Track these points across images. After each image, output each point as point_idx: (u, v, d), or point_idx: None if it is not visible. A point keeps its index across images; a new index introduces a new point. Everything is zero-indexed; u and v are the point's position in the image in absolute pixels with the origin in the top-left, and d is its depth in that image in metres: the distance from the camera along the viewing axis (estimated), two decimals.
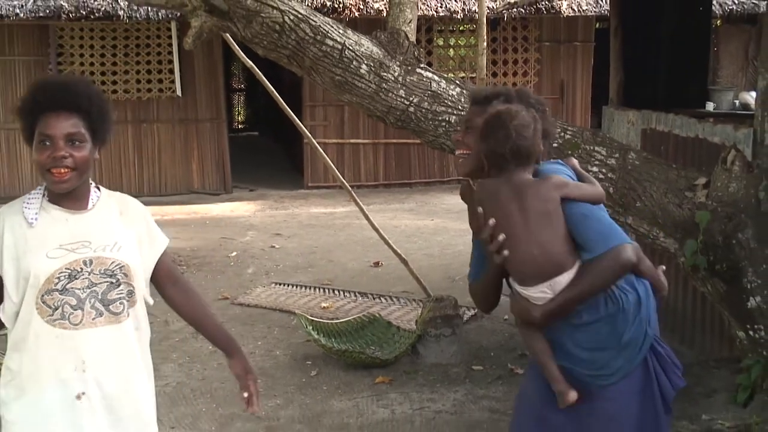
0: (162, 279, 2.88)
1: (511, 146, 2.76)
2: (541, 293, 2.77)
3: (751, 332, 4.46)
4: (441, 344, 6.09)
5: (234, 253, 9.75)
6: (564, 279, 2.75)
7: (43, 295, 2.56)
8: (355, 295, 7.91)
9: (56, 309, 2.57)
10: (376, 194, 13.38)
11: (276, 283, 8.39)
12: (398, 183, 14.22)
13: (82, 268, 2.61)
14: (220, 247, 10.12)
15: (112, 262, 2.66)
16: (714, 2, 11.49)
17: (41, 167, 2.59)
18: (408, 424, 5.16)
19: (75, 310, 2.59)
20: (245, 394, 3.00)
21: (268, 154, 18.21)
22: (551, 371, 2.83)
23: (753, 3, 13.23)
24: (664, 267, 2.91)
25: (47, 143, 2.57)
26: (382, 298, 7.78)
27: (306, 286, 8.23)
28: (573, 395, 2.80)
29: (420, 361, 6.08)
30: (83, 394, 2.62)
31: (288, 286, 8.28)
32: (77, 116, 2.60)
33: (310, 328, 6.29)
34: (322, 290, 8.10)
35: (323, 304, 7.62)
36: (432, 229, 10.86)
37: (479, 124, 2.85)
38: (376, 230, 7.49)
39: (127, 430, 2.75)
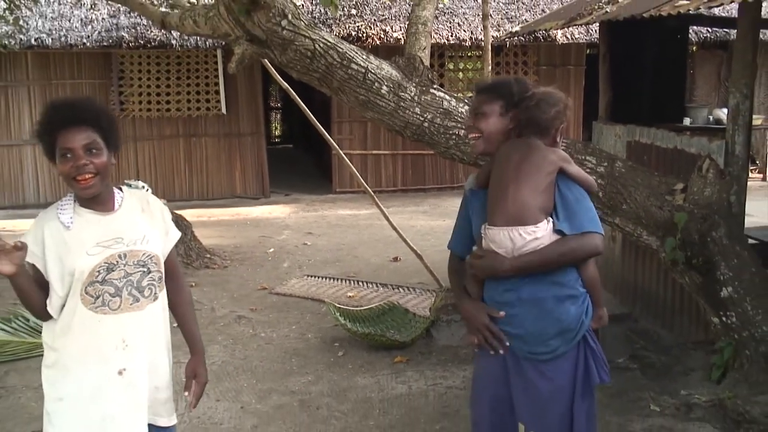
0: (166, 269, 2.86)
1: (528, 115, 2.86)
2: (502, 237, 2.80)
3: (723, 318, 4.45)
4: (452, 328, 6.08)
5: (271, 250, 9.77)
6: (526, 230, 2.77)
7: (86, 287, 2.60)
8: (377, 286, 7.90)
9: (98, 297, 2.62)
10: (395, 198, 13.35)
11: (308, 276, 8.40)
12: (414, 188, 14.19)
13: (117, 261, 2.65)
14: (260, 244, 10.13)
15: (143, 254, 2.71)
16: (690, 31, 11.42)
17: (67, 177, 2.61)
18: (423, 397, 5.15)
19: (113, 297, 2.64)
20: (185, 393, 2.97)
21: (301, 163, 18.21)
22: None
23: (725, 31, 13.14)
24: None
25: (68, 155, 2.59)
26: (400, 289, 7.77)
27: (334, 278, 8.24)
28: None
29: (433, 344, 6.07)
30: (124, 369, 2.67)
31: (318, 278, 8.28)
32: (90, 129, 2.62)
33: (338, 314, 6.30)
34: (348, 282, 8.10)
35: (349, 294, 7.62)
36: (444, 228, 10.83)
37: (486, 111, 2.91)
38: (395, 229, 7.50)
39: (159, 399, 2.80)
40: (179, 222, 8.44)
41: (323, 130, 7.79)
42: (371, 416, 4.88)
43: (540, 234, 2.78)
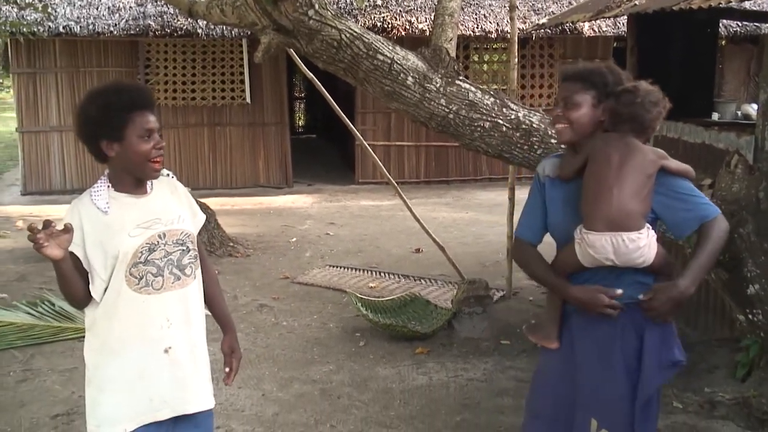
0: None
1: (632, 111, 2.73)
2: (604, 242, 2.66)
3: (750, 316, 4.38)
4: (473, 321, 6.06)
5: (294, 239, 9.79)
6: (630, 237, 2.66)
7: (130, 269, 2.61)
8: (399, 277, 7.90)
9: (141, 278, 2.62)
10: (418, 189, 13.33)
11: (330, 266, 8.40)
12: (437, 180, 14.17)
13: (158, 241, 2.66)
14: (282, 233, 10.16)
15: (182, 232, 2.73)
16: (720, 24, 11.29)
17: (145, 157, 2.62)
18: (444, 389, 5.14)
19: (156, 277, 2.65)
20: (227, 369, 3.00)
21: (324, 154, 18.23)
22: (555, 314, 2.86)
23: (755, 25, 12.99)
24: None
25: (148, 137, 2.61)
26: (422, 280, 7.76)
27: (356, 269, 8.24)
28: (554, 345, 2.86)
29: (454, 335, 6.05)
30: (170, 348, 2.69)
31: (340, 268, 8.29)
32: (155, 113, 2.67)
33: (359, 304, 6.30)
34: (369, 272, 8.10)
35: (371, 284, 7.62)
36: (466, 220, 10.81)
37: (578, 101, 2.76)
38: (418, 221, 7.48)
39: (203, 376, 2.83)
40: (203, 210, 8.45)
41: (347, 120, 7.78)
42: (392, 407, 4.88)
43: (643, 242, 2.68)
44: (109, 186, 2.68)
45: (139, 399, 2.65)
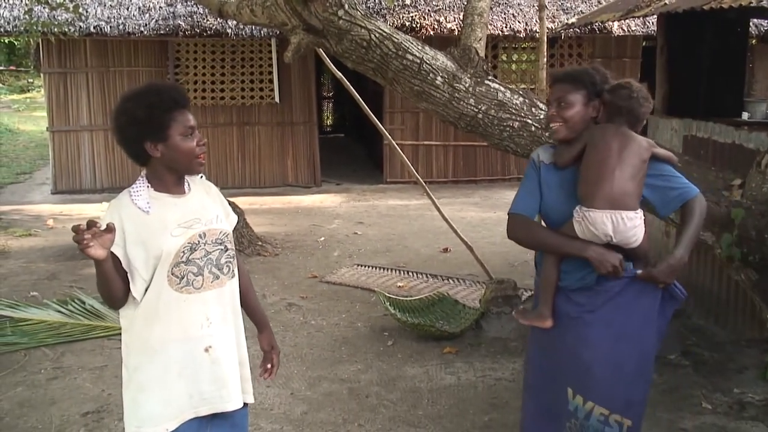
0: None
1: (630, 105, 2.99)
2: (604, 219, 2.87)
3: None
4: (501, 321, 6.07)
5: (322, 238, 9.83)
6: (628, 216, 2.89)
7: (172, 268, 2.63)
8: (427, 277, 7.92)
9: (182, 278, 2.65)
10: (446, 189, 13.34)
11: (358, 265, 8.44)
12: (465, 180, 14.16)
13: (198, 241, 2.69)
14: (311, 232, 10.21)
15: (221, 232, 2.78)
16: (751, 23, 11.19)
17: (192, 154, 2.68)
18: (472, 389, 5.16)
19: (197, 276, 2.68)
20: (268, 365, 3.08)
21: (352, 153, 18.27)
22: (547, 296, 3.05)
23: None
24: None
25: (191, 134, 2.68)
26: (450, 280, 7.78)
27: (384, 268, 8.27)
28: (549, 323, 3.04)
29: (483, 335, 6.06)
30: (210, 347, 2.72)
31: (369, 267, 8.32)
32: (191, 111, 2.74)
33: (388, 303, 6.32)
34: (398, 272, 8.13)
35: (399, 284, 7.65)
36: (494, 220, 10.80)
37: (571, 101, 3.00)
38: (446, 220, 7.50)
39: (244, 376, 2.88)
40: (233, 208, 8.52)
41: (376, 119, 7.81)
42: (420, 406, 4.90)
43: (638, 222, 2.92)
44: (148, 186, 2.71)
45: (179, 398, 2.68)
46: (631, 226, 2.89)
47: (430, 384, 5.24)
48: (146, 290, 2.64)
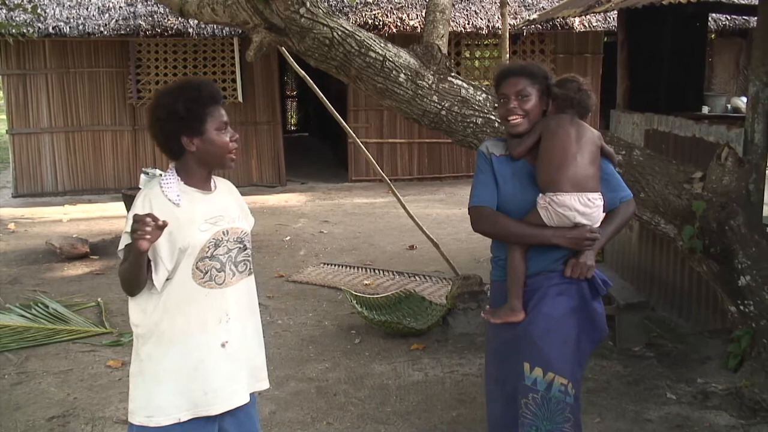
0: None
1: (580, 97, 3.13)
2: (572, 201, 2.99)
3: (741, 307, 4.44)
4: (468, 316, 6.09)
5: (288, 238, 9.80)
6: (594, 197, 3.03)
7: (197, 262, 2.69)
8: (393, 274, 7.93)
9: (206, 273, 2.70)
10: (411, 187, 13.36)
11: (324, 263, 8.43)
12: (430, 177, 14.20)
13: (222, 238, 2.75)
14: (276, 232, 10.17)
15: (242, 231, 2.85)
16: (709, 18, 11.35)
17: (225, 149, 2.75)
18: (439, 385, 5.18)
19: (219, 272, 2.73)
20: None
21: (317, 152, 18.24)
22: (517, 288, 3.12)
23: (744, 19, 13.04)
24: None
25: (224, 130, 2.74)
26: (416, 277, 7.79)
27: (350, 266, 8.27)
28: (520, 316, 3.10)
29: (449, 331, 6.09)
30: (227, 342, 2.76)
31: (335, 266, 8.31)
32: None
33: (354, 301, 6.33)
34: (364, 269, 8.13)
35: (365, 282, 7.65)
36: (460, 217, 10.83)
37: (530, 93, 3.10)
38: (411, 218, 7.51)
39: (258, 366, 2.94)
40: None
41: (340, 118, 7.80)
42: (388, 403, 4.91)
43: (600, 203, 3.06)
44: (178, 179, 2.75)
45: (193, 391, 2.70)
46: (597, 205, 3.03)
47: (398, 381, 5.25)
48: (166, 281, 2.67)
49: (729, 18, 13.22)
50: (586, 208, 3.00)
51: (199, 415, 2.72)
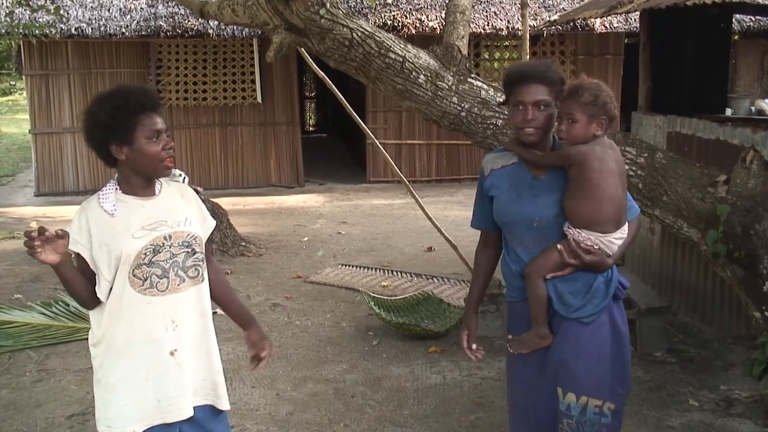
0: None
1: (608, 110, 2.82)
2: (615, 239, 2.88)
3: (766, 313, 4.35)
4: (486, 319, 6.03)
5: (306, 238, 9.78)
6: (623, 231, 2.91)
7: (133, 270, 2.63)
8: (411, 276, 7.88)
9: (145, 280, 2.64)
10: (429, 188, 13.31)
11: (342, 264, 8.40)
12: (449, 178, 14.14)
13: (163, 243, 2.67)
14: (294, 233, 10.15)
15: (188, 234, 2.74)
16: (733, 19, 11.23)
17: (158, 158, 2.65)
18: (457, 388, 5.12)
19: (161, 279, 2.67)
20: (263, 353, 3.05)
21: (335, 153, 18.23)
22: (542, 315, 2.95)
23: None
24: None
25: (156, 138, 2.64)
26: (434, 279, 7.75)
27: (368, 267, 8.23)
28: (549, 340, 2.96)
29: None
30: (176, 350, 2.70)
31: (353, 267, 8.28)
32: (161, 114, 2.74)
33: (372, 303, 6.29)
34: (382, 271, 8.09)
35: (383, 283, 7.61)
36: None
37: (549, 103, 2.85)
38: (430, 219, 7.45)
39: (218, 382, 2.86)
40: (215, 210, 8.49)
41: (358, 119, 7.76)
42: (406, 405, 4.86)
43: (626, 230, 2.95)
44: (117, 188, 2.70)
45: (146, 400, 2.68)
46: (622, 236, 2.93)
47: (415, 383, 5.20)
48: (110, 291, 2.64)
49: (753, 19, 13.07)
50: (619, 241, 2.90)
51: (154, 424, 2.68)
